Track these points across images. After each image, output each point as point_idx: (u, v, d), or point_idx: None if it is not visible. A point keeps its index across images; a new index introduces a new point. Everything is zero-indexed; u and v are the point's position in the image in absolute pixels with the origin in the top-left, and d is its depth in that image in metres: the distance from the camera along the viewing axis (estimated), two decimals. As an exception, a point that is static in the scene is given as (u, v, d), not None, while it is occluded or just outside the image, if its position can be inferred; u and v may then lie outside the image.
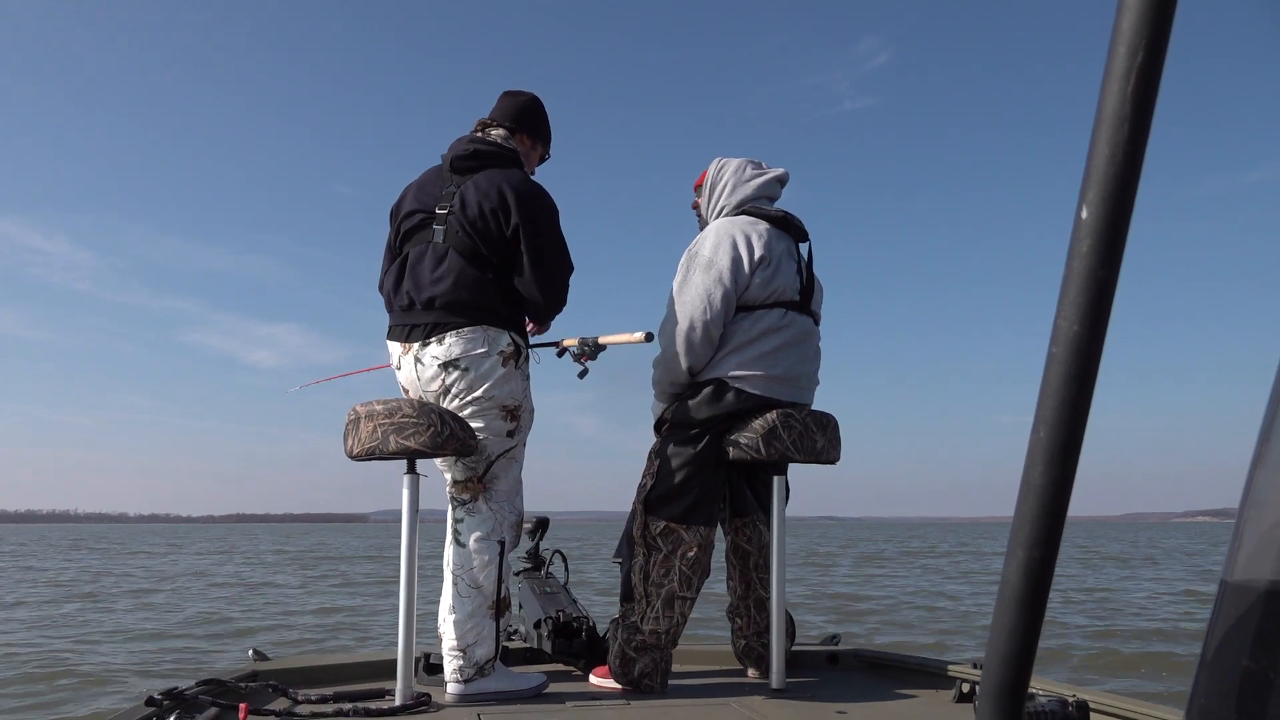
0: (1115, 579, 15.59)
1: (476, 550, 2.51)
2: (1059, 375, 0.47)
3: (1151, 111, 0.45)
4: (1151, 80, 0.44)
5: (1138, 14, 0.44)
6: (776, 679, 2.57)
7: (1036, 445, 0.48)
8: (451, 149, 2.66)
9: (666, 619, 2.58)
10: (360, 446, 2.42)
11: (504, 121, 2.73)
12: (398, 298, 2.58)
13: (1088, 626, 8.92)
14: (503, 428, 2.54)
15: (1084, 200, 0.46)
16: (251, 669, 2.61)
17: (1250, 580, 0.50)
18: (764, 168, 2.85)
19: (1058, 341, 0.47)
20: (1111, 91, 0.45)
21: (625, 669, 2.57)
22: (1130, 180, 0.45)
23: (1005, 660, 0.51)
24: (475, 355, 2.47)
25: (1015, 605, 0.50)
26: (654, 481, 2.64)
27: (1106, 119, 0.45)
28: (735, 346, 2.62)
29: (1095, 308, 0.46)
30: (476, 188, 2.56)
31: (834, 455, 2.69)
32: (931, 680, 2.67)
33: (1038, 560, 0.49)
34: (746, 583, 2.82)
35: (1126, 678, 6.45)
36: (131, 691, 5.80)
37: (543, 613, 2.92)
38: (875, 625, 9.26)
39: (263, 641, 7.73)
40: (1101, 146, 0.45)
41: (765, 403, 2.62)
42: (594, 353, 2.72)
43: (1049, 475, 0.48)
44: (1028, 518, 0.48)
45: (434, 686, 2.54)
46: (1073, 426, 0.47)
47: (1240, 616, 0.50)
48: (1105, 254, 0.45)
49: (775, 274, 2.64)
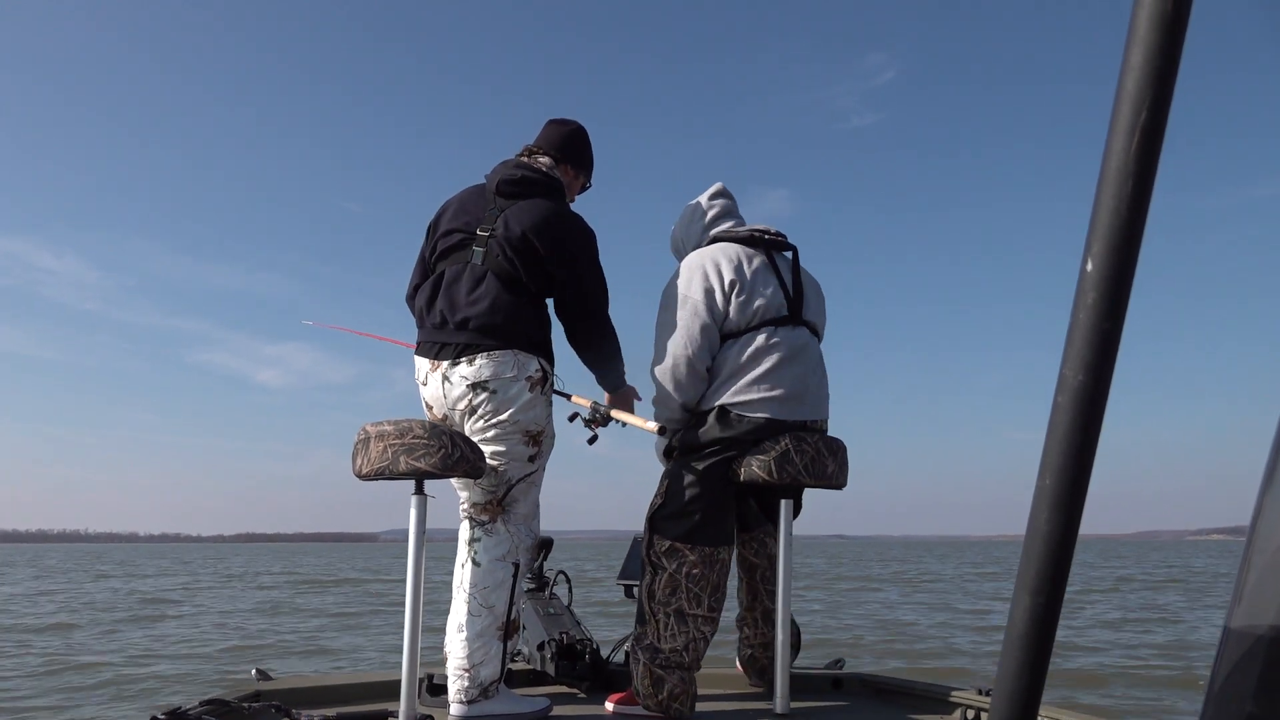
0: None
1: (491, 570, 2.52)
2: (1064, 424, 0.48)
3: (1155, 167, 0.46)
4: (1155, 137, 0.46)
5: (1142, 73, 0.46)
6: (780, 704, 2.56)
7: (1042, 492, 0.49)
8: (497, 172, 2.69)
9: (682, 634, 2.56)
10: (370, 466, 2.42)
11: (550, 150, 2.77)
12: (430, 315, 2.59)
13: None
14: (525, 452, 2.56)
15: (1089, 253, 0.47)
16: (255, 689, 2.61)
17: (1253, 625, 0.51)
18: (721, 196, 2.91)
19: (1063, 391, 0.48)
20: (1116, 148, 0.46)
21: (655, 689, 2.53)
22: (1134, 234, 0.46)
23: (1012, 700, 0.52)
24: (504, 379, 2.49)
25: (1022, 647, 0.51)
26: (663, 501, 2.65)
27: (1111, 174, 0.46)
28: (728, 375, 2.63)
29: (1100, 359, 0.47)
30: (521, 213, 2.58)
31: (842, 480, 2.70)
32: (936, 706, 2.66)
33: (1043, 605, 0.50)
34: (754, 594, 2.85)
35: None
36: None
37: (546, 634, 2.91)
38: (884, 649, 9.20)
39: (267, 660, 7.70)
40: (1106, 201, 0.46)
41: (774, 425, 2.62)
42: (604, 421, 2.73)
43: (1055, 522, 0.49)
44: (1034, 563, 0.49)
45: (437, 708, 2.54)
46: (1078, 474, 0.48)
47: (1243, 662, 0.50)
48: (1109, 307, 0.46)
49: (752, 295, 2.65)
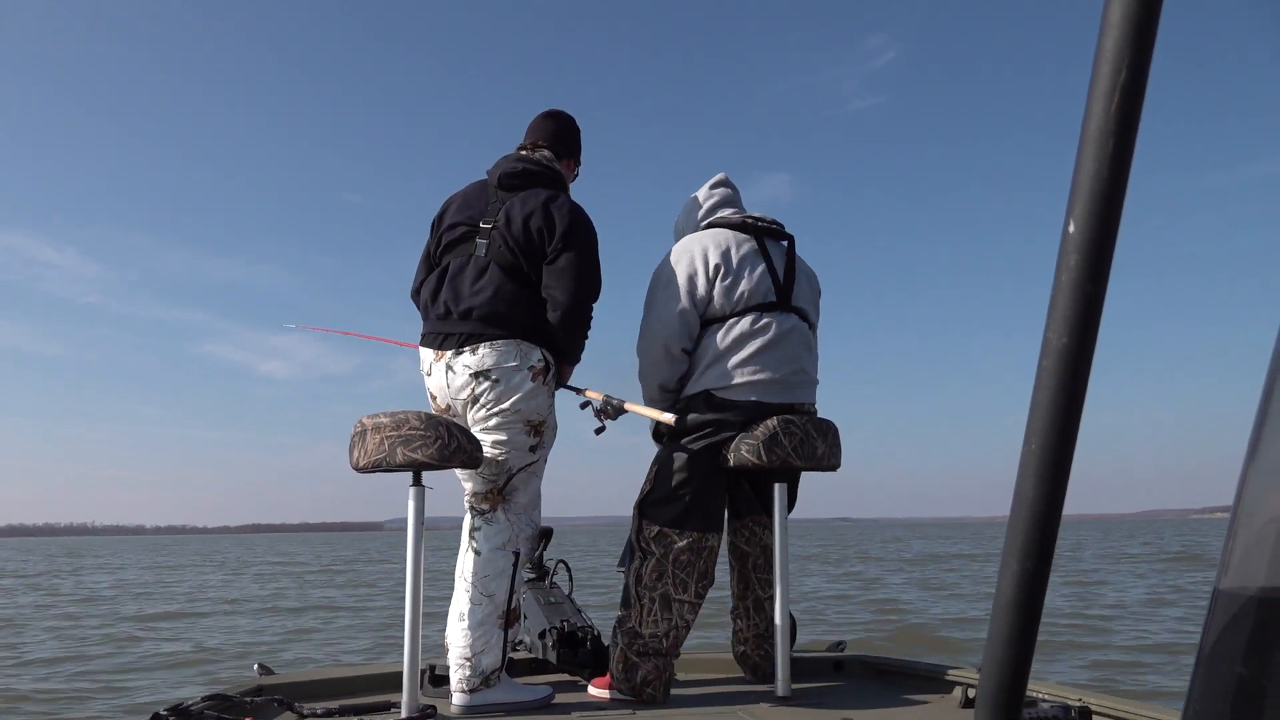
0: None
1: (491, 559, 2.53)
2: (1049, 388, 0.48)
3: (1136, 128, 0.46)
4: (1135, 97, 0.45)
5: (1120, 32, 0.45)
6: (782, 686, 2.56)
7: (1028, 458, 0.49)
8: (499, 166, 2.74)
9: (665, 621, 2.58)
10: (367, 459, 2.42)
11: (549, 143, 2.82)
12: (435, 306, 2.63)
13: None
14: (526, 442, 2.57)
15: (1071, 216, 0.47)
16: (257, 684, 2.62)
17: (1243, 587, 0.50)
18: (722, 185, 2.92)
19: (1047, 354, 0.48)
20: (1096, 109, 0.45)
21: (628, 675, 2.57)
22: (1116, 195, 0.46)
23: (1002, 668, 0.52)
24: (507, 368, 2.51)
25: (1010, 615, 0.51)
26: (651, 487, 2.66)
27: (1091, 136, 0.46)
28: (712, 360, 2.65)
29: (1084, 321, 0.47)
30: (524, 205, 2.62)
31: (835, 461, 2.70)
32: (937, 686, 2.67)
33: (1031, 571, 0.49)
34: (745, 583, 2.85)
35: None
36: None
37: (547, 623, 2.92)
38: (890, 630, 9.23)
39: (267, 656, 7.72)
40: (1087, 163, 0.46)
41: (761, 407, 2.63)
42: (615, 414, 2.74)
43: (1041, 488, 0.48)
44: (1020, 529, 0.49)
45: (439, 698, 2.54)
46: (1064, 439, 0.48)
47: (1233, 623, 0.50)
48: (1093, 268, 0.46)
49: (737, 279, 2.66)
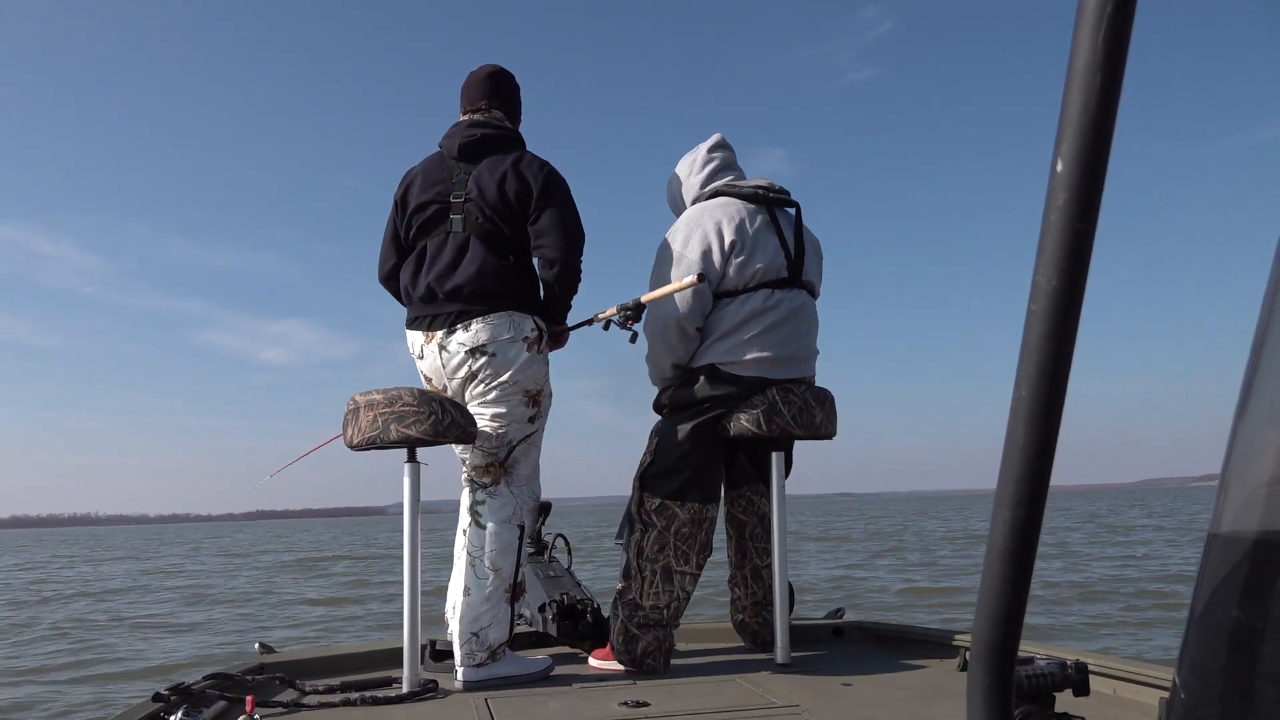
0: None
1: (497, 533, 2.52)
2: (1039, 332, 0.46)
3: (1124, 61, 0.44)
4: (1122, 30, 0.44)
5: None
6: (781, 654, 2.58)
7: (1019, 404, 0.47)
8: (454, 135, 2.63)
9: (666, 593, 2.59)
10: (360, 436, 2.41)
11: (497, 103, 2.70)
12: (416, 289, 2.57)
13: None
14: (525, 413, 2.56)
15: (1058, 153, 0.45)
16: (258, 662, 2.63)
17: (1237, 532, 0.50)
18: (721, 148, 2.83)
19: (1037, 298, 0.46)
20: (1083, 42, 0.44)
21: (629, 646, 2.58)
22: (1105, 131, 0.44)
23: (995, 620, 0.51)
24: (502, 341, 2.49)
25: (1003, 565, 0.50)
26: (651, 459, 2.65)
27: (1079, 70, 0.44)
28: (721, 334, 2.61)
29: (1073, 262, 0.45)
30: (492, 171, 2.55)
31: (831, 430, 2.70)
32: (936, 650, 2.69)
33: (1023, 520, 0.48)
34: (743, 552, 2.85)
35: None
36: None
37: (547, 596, 2.93)
38: (886, 599, 9.30)
39: (269, 635, 7.76)
40: (1074, 98, 0.44)
41: (763, 382, 2.62)
42: (637, 313, 2.63)
43: (1032, 434, 0.47)
44: (1012, 477, 0.48)
45: (441, 673, 2.55)
46: (1055, 383, 0.47)
47: (1228, 569, 0.50)
48: (1082, 207, 0.45)
49: (752, 256, 2.61)
